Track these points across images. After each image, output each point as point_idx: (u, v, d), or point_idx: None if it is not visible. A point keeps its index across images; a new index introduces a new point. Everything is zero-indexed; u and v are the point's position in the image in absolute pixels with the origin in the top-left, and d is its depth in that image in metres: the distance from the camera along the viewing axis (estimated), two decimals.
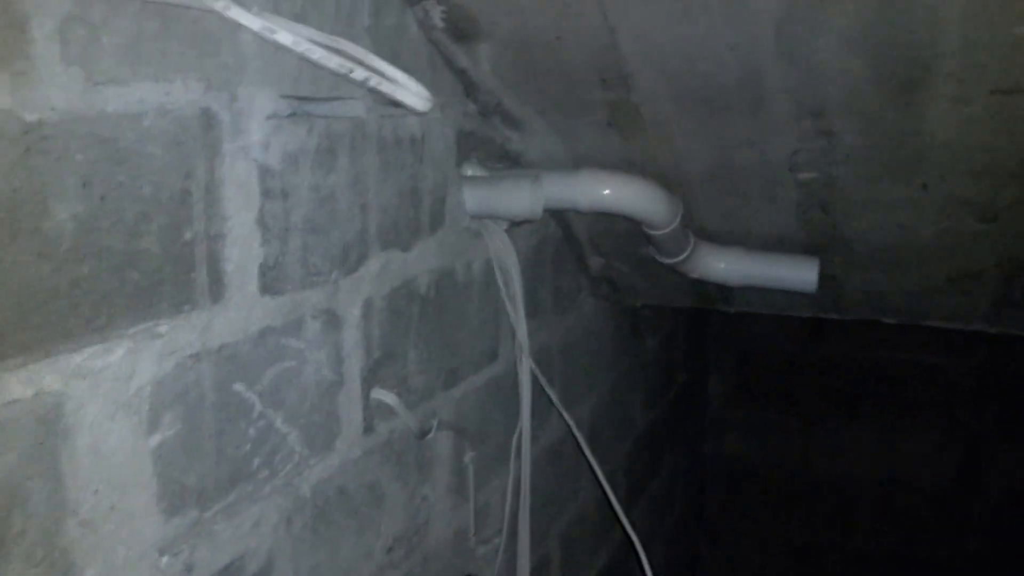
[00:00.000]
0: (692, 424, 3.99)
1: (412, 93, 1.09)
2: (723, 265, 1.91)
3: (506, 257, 1.71)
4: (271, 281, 1.08)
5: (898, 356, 4.00)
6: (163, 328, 0.91)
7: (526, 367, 1.75)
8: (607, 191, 1.65)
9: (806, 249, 1.91)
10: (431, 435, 1.50)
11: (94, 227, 0.83)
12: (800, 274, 1.87)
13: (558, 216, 2.03)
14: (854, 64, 1.31)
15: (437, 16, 1.38)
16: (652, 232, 1.75)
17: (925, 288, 1.98)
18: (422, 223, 1.45)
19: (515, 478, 1.79)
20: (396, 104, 1.13)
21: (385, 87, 1.08)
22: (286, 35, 0.96)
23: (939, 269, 1.90)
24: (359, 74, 1.05)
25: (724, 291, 2.17)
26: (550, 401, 1.88)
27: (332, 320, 1.22)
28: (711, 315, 4.01)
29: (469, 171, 1.65)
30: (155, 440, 0.90)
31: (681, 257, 1.85)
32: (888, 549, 4.17)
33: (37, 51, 0.77)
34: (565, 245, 2.14)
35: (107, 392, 0.84)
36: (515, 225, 1.77)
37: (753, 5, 1.24)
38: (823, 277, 1.88)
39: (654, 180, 1.68)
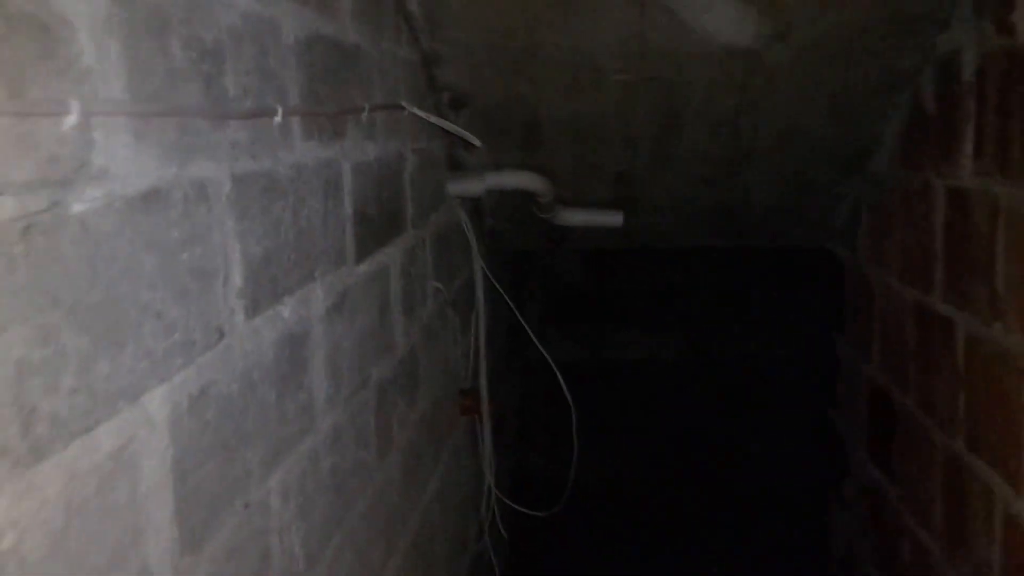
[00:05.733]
0: (521, 335, 5.21)
1: (477, 142, 2.19)
2: (573, 216, 3.10)
3: (465, 216, 2.83)
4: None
5: (648, 277, 5.36)
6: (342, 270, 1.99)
7: (479, 271, 2.89)
8: (520, 180, 2.80)
9: (615, 205, 3.13)
10: (449, 304, 2.61)
11: (381, 211, 1.90)
12: (614, 219, 3.10)
13: None
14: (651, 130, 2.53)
15: (446, 97, 2.48)
16: (540, 200, 2.91)
17: (681, 223, 3.26)
18: (438, 199, 2.55)
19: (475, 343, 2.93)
20: (470, 144, 2.24)
21: (466, 138, 2.19)
22: (440, 120, 2.05)
23: (686, 211, 3.18)
24: (457, 135, 2.14)
25: (564, 233, 3.37)
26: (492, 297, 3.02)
27: (417, 250, 2.30)
28: (527, 264, 5.23)
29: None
30: (331, 333, 1.98)
31: (552, 213, 3.02)
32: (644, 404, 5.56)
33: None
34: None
35: (318, 310, 1.89)
36: (463, 200, 2.89)
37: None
38: (626, 220, 3.11)
39: (541, 174, 2.85)
